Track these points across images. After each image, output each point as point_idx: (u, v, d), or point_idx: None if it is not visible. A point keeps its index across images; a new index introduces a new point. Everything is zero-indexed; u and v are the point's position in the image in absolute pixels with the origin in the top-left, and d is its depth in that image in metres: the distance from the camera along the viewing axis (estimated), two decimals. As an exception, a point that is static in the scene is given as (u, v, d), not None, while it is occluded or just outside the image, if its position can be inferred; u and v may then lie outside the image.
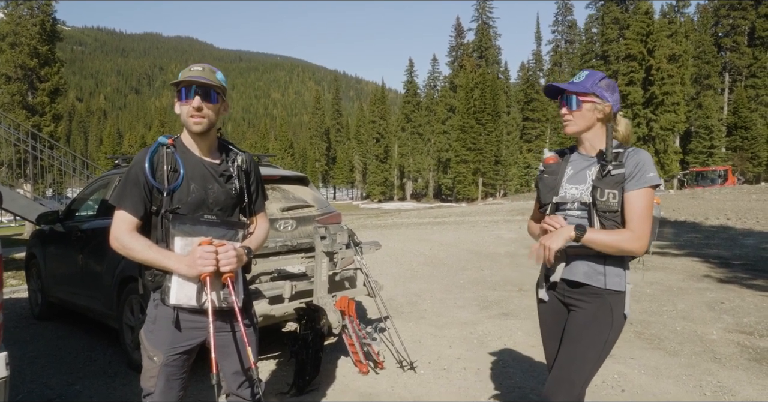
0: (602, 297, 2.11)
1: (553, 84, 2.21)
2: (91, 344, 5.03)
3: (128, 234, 1.98)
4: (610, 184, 2.04)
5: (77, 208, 5.58)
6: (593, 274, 2.12)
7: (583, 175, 2.17)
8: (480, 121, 59.15)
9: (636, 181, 2.03)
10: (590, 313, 2.13)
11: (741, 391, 3.67)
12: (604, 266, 2.11)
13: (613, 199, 2.04)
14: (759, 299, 6.25)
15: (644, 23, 49.82)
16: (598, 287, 2.11)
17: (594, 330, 2.11)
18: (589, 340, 2.11)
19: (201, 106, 1.99)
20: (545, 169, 2.28)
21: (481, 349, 4.71)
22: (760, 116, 51.06)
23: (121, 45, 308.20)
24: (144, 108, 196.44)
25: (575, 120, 2.16)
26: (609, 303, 2.10)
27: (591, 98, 2.11)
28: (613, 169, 2.05)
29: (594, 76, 2.15)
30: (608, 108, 2.13)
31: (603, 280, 2.11)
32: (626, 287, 2.12)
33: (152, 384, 2.06)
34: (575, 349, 2.13)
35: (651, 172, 2.04)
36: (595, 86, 2.12)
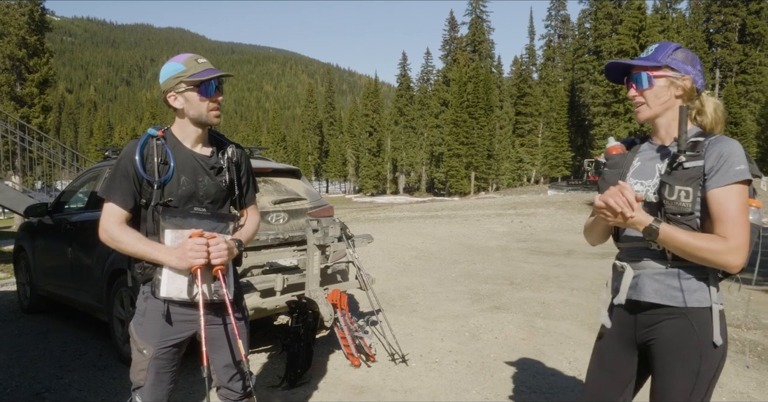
0: (683, 318, 1.67)
1: (616, 61, 1.82)
2: (80, 338, 5.00)
3: (118, 226, 1.96)
4: (682, 179, 1.63)
5: (66, 201, 5.53)
6: (669, 291, 1.69)
7: (651, 168, 1.76)
8: (473, 115, 59.17)
9: (721, 176, 1.60)
10: (670, 342, 1.69)
11: (728, 384, 3.70)
12: (679, 280, 1.68)
13: (685, 198, 1.63)
14: (746, 293, 6.31)
15: (637, 19, 49.91)
16: (676, 307, 1.68)
17: (679, 362, 1.67)
18: (676, 380, 1.67)
19: (221, 99, 2.05)
20: (607, 161, 1.87)
21: (473, 342, 4.73)
22: (750, 112, 51.45)
23: (112, 36, 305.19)
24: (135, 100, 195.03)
25: (648, 101, 1.75)
26: (693, 325, 1.66)
27: (665, 72, 1.72)
28: (687, 160, 1.64)
29: (666, 47, 1.76)
30: (688, 82, 1.73)
31: (682, 298, 1.67)
32: (713, 306, 1.66)
33: (142, 377, 2.04)
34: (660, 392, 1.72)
35: (741, 165, 1.59)
36: (668, 58, 1.73)
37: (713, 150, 1.63)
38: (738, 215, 1.58)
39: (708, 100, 1.79)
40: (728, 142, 1.64)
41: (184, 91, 1.98)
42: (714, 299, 1.66)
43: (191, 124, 2.04)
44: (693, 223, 1.66)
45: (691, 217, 1.65)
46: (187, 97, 1.98)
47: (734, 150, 1.61)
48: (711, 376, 1.67)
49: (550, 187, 52.21)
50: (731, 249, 1.56)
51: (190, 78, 1.96)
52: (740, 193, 1.59)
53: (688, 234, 1.60)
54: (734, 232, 1.57)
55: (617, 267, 1.84)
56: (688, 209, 1.64)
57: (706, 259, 1.59)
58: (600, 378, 1.91)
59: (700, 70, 1.75)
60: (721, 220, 1.59)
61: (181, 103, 2.00)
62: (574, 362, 4.18)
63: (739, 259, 1.57)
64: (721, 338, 1.64)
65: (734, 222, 1.57)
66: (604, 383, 1.89)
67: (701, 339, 1.65)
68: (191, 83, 1.96)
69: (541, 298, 6.29)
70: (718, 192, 1.60)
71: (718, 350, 1.65)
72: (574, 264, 8.79)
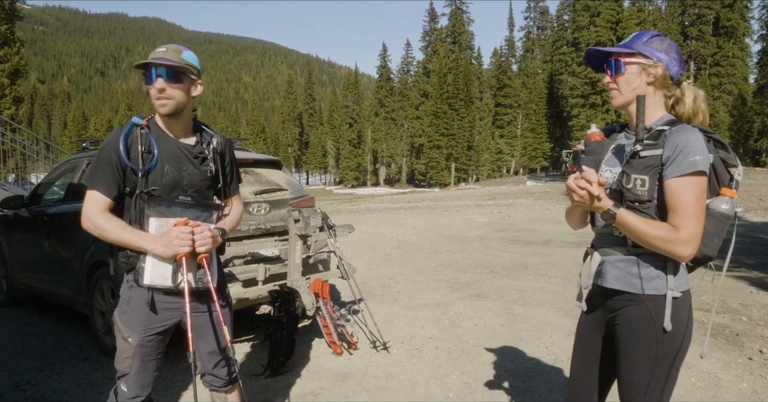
0: (641, 304, 1.73)
1: (595, 48, 1.84)
2: (59, 330, 4.97)
3: (101, 214, 1.96)
4: (639, 168, 1.67)
5: (43, 193, 5.46)
6: (628, 277, 1.75)
7: (620, 157, 1.80)
8: (453, 106, 59.33)
9: (676, 167, 1.61)
10: (630, 327, 1.76)
11: (697, 365, 3.85)
12: (638, 267, 1.73)
13: (641, 186, 1.66)
14: (716, 279, 6.51)
15: (614, 11, 50.47)
16: (635, 293, 1.74)
17: (637, 347, 1.73)
18: (633, 362, 1.74)
19: (164, 88, 1.95)
20: (585, 148, 1.89)
21: (453, 329, 4.82)
22: (723, 104, 52.46)
23: (85, 25, 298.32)
24: (110, 91, 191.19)
25: (620, 87, 1.77)
26: (650, 311, 1.71)
27: (637, 59, 1.74)
28: (642, 149, 1.67)
29: (643, 35, 1.77)
30: (660, 69, 1.73)
31: (639, 285, 1.73)
32: (668, 292, 1.70)
33: (127, 365, 2.06)
34: (625, 376, 1.78)
35: (696, 156, 1.59)
36: (642, 44, 1.74)
37: (671, 140, 1.64)
38: (690, 207, 1.60)
39: (688, 89, 1.79)
40: (687, 132, 1.64)
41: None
42: (670, 286, 1.69)
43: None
44: (651, 211, 1.68)
45: (648, 205, 1.67)
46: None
47: (691, 141, 1.61)
48: (671, 360, 1.71)
49: (529, 178, 52.74)
50: (681, 239, 1.59)
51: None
52: (694, 184, 1.60)
53: (644, 221, 1.63)
54: (685, 223, 1.59)
55: (588, 253, 1.91)
56: (645, 197, 1.66)
57: (657, 247, 1.62)
58: (578, 360, 1.99)
59: (675, 57, 1.75)
60: (674, 211, 1.62)
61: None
62: (551, 347, 4.29)
63: (687, 249, 1.60)
64: (670, 324, 1.68)
65: (686, 213, 1.60)
66: (583, 364, 1.97)
67: (657, 325, 1.69)
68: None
69: (520, 286, 6.41)
70: (672, 182, 1.62)
71: (673, 335, 1.69)
72: (551, 252, 8.95)
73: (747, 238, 9.81)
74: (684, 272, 1.75)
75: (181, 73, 1.98)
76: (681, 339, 1.71)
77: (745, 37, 54.69)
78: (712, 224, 1.68)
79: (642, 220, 1.64)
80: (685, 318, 1.73)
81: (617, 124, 1.96)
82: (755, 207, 15.33)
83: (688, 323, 1.74)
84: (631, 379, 1.75)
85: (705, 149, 1.63)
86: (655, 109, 1.76)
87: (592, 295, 1.92)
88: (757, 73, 53.91)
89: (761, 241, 9.52)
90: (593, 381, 1.94)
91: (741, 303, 5.53)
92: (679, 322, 1.71)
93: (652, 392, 1.72)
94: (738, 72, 53.97)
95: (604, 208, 1.63)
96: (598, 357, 1.92)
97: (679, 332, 1.71)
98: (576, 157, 1.90)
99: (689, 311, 1.75)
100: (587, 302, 1.95)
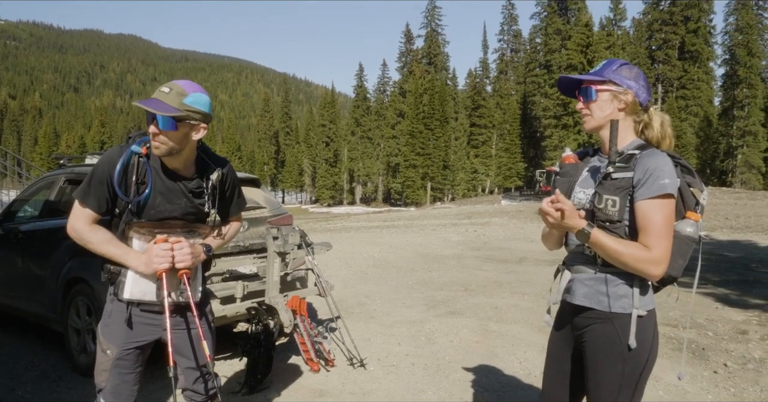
0: (608, 323, 1.79)
1: (567, 76, 1.93)
2: (31, 349, 4.88)
3: (88, 227, 2.00)
4: (611, 189, 1.75)
5: (17, 210, 5.41)
6: (596, 295, 1.82)
7: (594, 178, 1.89)
8: (429, 126, 60.00)
9: (646, 189, 1.69)
10: (597, 344, 1.81)
11: (664, 378, 3.98)
12: (606, 285, 1.80)
13: (612, 207, 1.74)
14: (683, 295, 6.69)
15: (584, 35, 51.97)
16: (602, 311, 1.80)
17: (604, 364, 1.80)
18: (602, 378, 1.80)
19: (156, 132, 1.93)
20: (560, 170, 1.96)
21: (429, 345, 4.88)
22: (689, 125, 54.11)
23: (59, 41, 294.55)
24: (83, 107, 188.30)
25: (592, 113, 1.87)
26: (616, 329, 1.77)
27: (608, 86, 1.83)
28: (615, 171, 1.76)
29: (612, 63, 1.87)
30: (630, 96, 1.83)
31: (607, 303, 1.79)
32: (633, 311, 1.76)
33: (104, 378, 2.08)
34: (593, 391, 1.84)
35: (664, 179, 1.68)
36: (613, 72, 1.84)
37: (641, 163, 1.72)
38: (661, 228, 1.67)
39: (655, 114, 1.88)
40: (657, 156, 1.72)
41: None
42: (636, 305, 1.76)
43: None
44: (621, 230, 1.75)
45: (619, 225, 1.75)
46: None
47: (660, 165, 1.70)
48: (637, 376, 1.78)
49: (504, 197, 53.38)
50: (652, 259, 1.66)
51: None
52: (663, 206, 1.68)
53: (616, 240, 1.71)
54: (656, 244, 1.67)
55: (559, 270, 1.99)
56: (616, 217, 1.74)
57: (630, 266, 1.69)
58: (549, 375, 2.05)
59: (643, 85, 1.84)
60: (645, 232, 1.69)
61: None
62: (524, 362, 4.38)
63: (658, 269, 1.67)
64: (635, 342, 1.74)
65: (656, 234, 1.67)
66: (553, 380, 2.03)
67: (623, 343, 1.75)
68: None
69: (494, 303, 6.51)
70: (643, 204, 1.70)
71: (639, 353, 1.76)
72: (525, 271, 9.10)
73: (713, 256, 10.11)
74: (650, 292, 1.83)
75: (176, 120, 1.91)
76: (647, 356, 1.78)
77: (709, 61, 56.71)
78: (677, 246, 1.75)
79: (615, 239, 1.71)
80: (650, 336, 1.80)
81: (590, 148, 2.04)
82: (721, 226, 15.80)
83: (653, 341, 1.81)
84: (599, 394, 1.81)
85: (673, 173, 1.72)
86: (626, 134, 1.85)
87: (562, 312, 1.99)
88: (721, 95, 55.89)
89: (726, 258, 9.82)
90: (564, 396, 2.01)
91: (707, 318, 5.72)
92: (645, 340, 1.77)
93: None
94: (703, 95, 55.84)
95: (579, 227, 1.71)
96: (568, 372, 1.98)
97: (645, 350, 1.77)
98: (549, 177, 2.01)
99: (654, 329, 1.82)
100: (557, 319, 2.03)
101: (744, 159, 50.54)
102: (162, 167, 2.04)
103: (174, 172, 2.07)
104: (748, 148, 50.58)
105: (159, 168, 2.04)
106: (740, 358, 4.47)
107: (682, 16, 55.43)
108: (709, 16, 56.43)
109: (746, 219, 17.48)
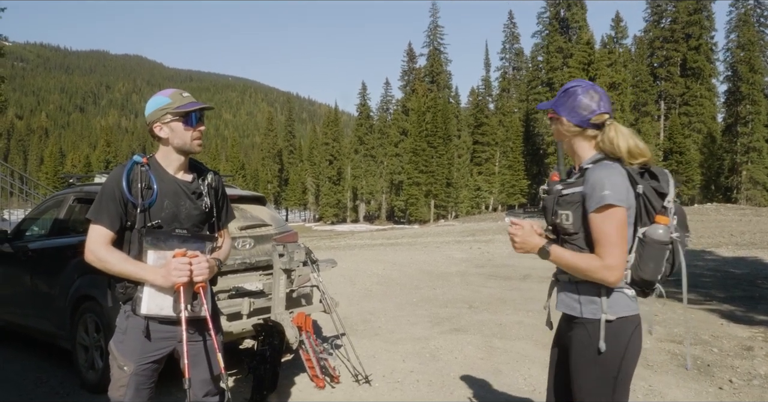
0: (582, 327, 1.92)
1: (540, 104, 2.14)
2: (39, 366, 4.92)
3: (104, 247, 2.07)
4: (564, 204, 1.91)
5: (27, 228, 5.49)
6: (570, 303, 1.96)
7: None
8: (432, 144, 60.29)
9: (590, 202, 1.82)
10: (575, 348, 1.94)
11: (669, 393, 3.99)
12: (578, 294, 1.93)
13: (566, 220, 1.88)
14: (688, 312, 6.72)
15: (586, 53, 52.45)
16: (577, 317, 1.93)
17: (581, 367, 1.92)
18: (582, 381, 1.92)
19: (203, 129, 2.21)
20: (547, 188, 2.06)
21: (433, 362, 4.90)
22: (693, 142, 54.23)
23: (66, 62, 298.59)
24: (89, 127, 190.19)
25: (555, 137, 2.06)
26: (588, 334, 1.89)
27: (554, 114, 2.01)
28: (564, 187, 1.92)
29: (563, 90, 2.00)
30: (564, 121, 1.97)
31: (579, 309, 1.92)
32: (602, 316, 1.86)
33: (122, 393, 2.13)
34: (576, 395, 1.95)
35: (604, 191, 1.78)
36: (556, 101, 1.99)
37: (587, 177, 1.86)
38: (610, 237, 1.78)
39: (610, 129, 1.92)
40: (601, 169, 1.84)
41: (170, 122, 2.14)
42: (604, 310, 1.86)
43: (175, 152, 2.19)
44: (579, 242, 1.89)
45: (576, 237, 1.89)
46: (173, 128, 2.15)
47: (601, 177, 1.81)
48: (612, 380, 1.86)
49: (508, 214, 53.32)
50: (606, 266, 1.78)
51: (176, 109, 2.13)
52: (609, 216, 1.78)
53: (573, 254, 1.86)
54: (607, 252, 1.78)
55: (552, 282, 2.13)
56: (571, 230, 1.89)
57: (587, 276, 1.83)
58: (550, 383, 2.17)
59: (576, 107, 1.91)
60: (597, 242, 1.81)
61: (167, 133, 2.15)
62: (529, 378, 4.39)
63: (612, 276, 1.78)
64: (604, 345, 1.83)
65: (606, 243, 1.78)
66: (552, 387, 2.15)
67: (595, 346, 1.85)
68: (177, 114, 2.13)
69: (499, 320, 6.52)
70: (591, 216, 1.82)
71: (611, 356, 1.84)
72: (529, 287, 9.10)
73: (718, 272, 10.10)
74: (621, 298, 1.88)
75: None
76: (620, 360, 1.85)
77: (711, 77, 57.02)
78: (646, 250, 1.85)
79: (572, 253, 1.86)
80: (625, 340, 1.87)
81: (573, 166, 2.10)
82: (726, 242, 15.76)
83: (630, 345, 1.87)
84: (581, 396, 1.92)
85: (617, 183, 1.80)
86: (585, 151, 1.97)
87: (559, 322, 2.11)
88: (724, 112, 56.03)
89: (732, 275, 9.80)
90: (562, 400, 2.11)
91: (712, 335, 5.71)
92: (618, 343, 1.85)
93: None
94: (706, 111, 56.03)
95: (539, 246, 1.91)
96: (563, 379, 2.07)
97: (617, 353, 1.85)
98: None
99: (632, 335, 1.88)
100: (556, 329, 2.16)
101: (749, 175, 50.52)
102: (163, 173, 2.19)
103: (174, 177, 2.21)
104: (753, 165, 50.60)
105: (161, 173, 2.18)
106: (746, 374, 4.47)
107: (683, 34, 55.92)
108: (711, 33, 56.94)
109: (751, 235, 17.43)
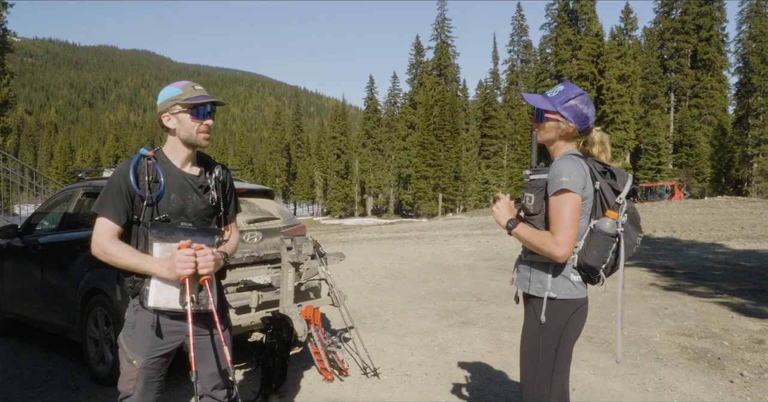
0: (530, 303, 2.19)
1: (524, 95, 2.32)
2: (50, 359, 4.97)
3: (110, 241, 2.07)
4: (529, 188, 2.20)
5: (37, 222, 5.52)
6: (523, 280, 2.22)
7: None
8: (439, 137, 60.13)
9: (551, 186, 2.06)
10: (525, 321, 2.23)
11: (680, 387, 3.96)
12: (530, 272, 2.19)
13: (529, 202, 2.16)
14: (698, 304, 6.68)
15: (595, 45, 52.03)
16: (527, 293, 2.19)
17: (525, 338, 2.20)
18: (525, 350, 2.19)
19: (211, 123, 2.20)
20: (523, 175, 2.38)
21: (442, 355, 4.89)
22: (703, 134, 53.73)
23: (74, 57, 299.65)
24: (98, 122, 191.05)
25: (539, 132, 2.23)
26: (534, 309, 2.16)
27: (556, 117, 2.15)
28: (531, 174, 2.22)
29: (564, 94, 2.15)
30: (571, 128, 2.15)
31: (528, 286, 2.18)
32: (545, 293, 2.11)
33: (131, 387, 2.14)
34: (520, 364, 2.23)
35: (563, 177, 2.02)
36: (562, 106, 2.13)
37: (552, 167, 2.10)
38: (562, 217, 2.01)
39: (594, 135, 2.20)
40: (563, 160, 2.09)
41: (178, 113, 2.13)
42: (548, 288, 2.12)
43: (182, 145, 2.18)
44: (537, 222, 2.15)
45: (535, 217, 2.16)
46: (180, 119, 2.14)
47: (561, 166, 2.05)
48: (554, 350, 2.11)
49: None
50: (556, 242, 2.01)
51: (185, 101, 2.12)
52: (564, 199, 2.02)
53: (531, 230, 2.11)
54: (559, 230, 2.01)
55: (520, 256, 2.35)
56: (532, 211, 2.16)
57: (540, 250, 2.06)
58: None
59: (586, 114, 2.13)
60: (552, 221, 2.06)
61: (174, 124, 2.15)
62: (538, 372, 4.37)
63: (561, 250, 2.00)
64: (545, 318, 2.10)
65: (558, 222, 2.02)
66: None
67: (538, 320, 2.12)
68: (186, 106, 2.13)
69: (507, 313, 6.51)
70: (550, 199, 2.07)
71: (550, 330, 2.11)
72: (538, 281, 9.06)
73: (729, 265, 10.01)
74: (565, 282, 2.12)
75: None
76: (559, 334, 2.11)
77: (722, 69, 56.39)
78: (593, 239, 2.08)
79: (530, 230, 2.12)
80: (564, 319, 2.12)
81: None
82: (737, 235, 15.63)
83: (568, 324, 2.12)
84: (523, 366, 2.20)
85: (575, 173, 2.04)
86: (565, 147, 2.20)
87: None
88: (735, 104, 55.43)
89: (742, 268, 9.72)
90: None
91: (722, 328, 5.67)
92: (558, 319, 2.11)
93: (540, 382, 2.13)
94: (717, 103, 55.42)
95: (505, 220, 2.18)
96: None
97: (556, 328, 2.11)
98: None
99: (572, 315, 2.12)
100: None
101: (760, 167, 50.01)
102: (171, 166, 2.18)
103: (181, 170, 2.20)
104: (764, 157, 50.09)
105: (168, 167, 2.17)
106: (757, 367, 4.44)
107: (694, 25, 55.32)
108: (722, 25, 56.29)
109: (762, 228, 17.27)
